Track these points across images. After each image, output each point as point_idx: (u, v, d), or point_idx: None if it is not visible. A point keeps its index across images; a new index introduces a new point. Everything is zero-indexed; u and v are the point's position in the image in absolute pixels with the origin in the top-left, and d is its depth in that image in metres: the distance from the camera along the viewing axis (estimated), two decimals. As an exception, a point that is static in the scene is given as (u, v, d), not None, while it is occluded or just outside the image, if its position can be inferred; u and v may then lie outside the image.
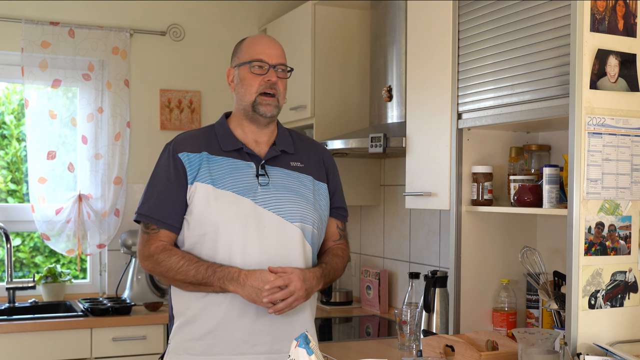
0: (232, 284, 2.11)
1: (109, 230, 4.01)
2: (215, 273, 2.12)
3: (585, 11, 2.07)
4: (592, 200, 2.09)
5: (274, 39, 2.32)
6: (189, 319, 2.20)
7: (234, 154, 2.24)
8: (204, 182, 2.18)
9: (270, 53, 2.24)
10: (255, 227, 2.17)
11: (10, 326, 3.32)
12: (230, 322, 2.16)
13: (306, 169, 2.31)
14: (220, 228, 2.16)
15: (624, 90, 2.14)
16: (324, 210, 2.32)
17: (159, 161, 2.27)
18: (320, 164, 2.36)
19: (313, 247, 2.28)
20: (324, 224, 2.33)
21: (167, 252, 2.19)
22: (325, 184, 2.34)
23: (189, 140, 2.27)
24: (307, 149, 2.36)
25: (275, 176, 2.24)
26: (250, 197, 2.18)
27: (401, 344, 2.89)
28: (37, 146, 3.88)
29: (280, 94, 2.25)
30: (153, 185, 2.25)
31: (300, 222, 2.22)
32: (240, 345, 2.16)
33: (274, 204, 2.20)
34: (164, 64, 4.22)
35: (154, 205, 2.23)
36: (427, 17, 2.81)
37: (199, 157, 2.21)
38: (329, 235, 2.38)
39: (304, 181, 2.28)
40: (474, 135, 2.63)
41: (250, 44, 2.28)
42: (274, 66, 2.23)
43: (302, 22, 3.76)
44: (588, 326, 2.09)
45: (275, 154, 2.27)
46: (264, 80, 2.22)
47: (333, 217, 2.39)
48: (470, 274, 2.63)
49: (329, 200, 2.35)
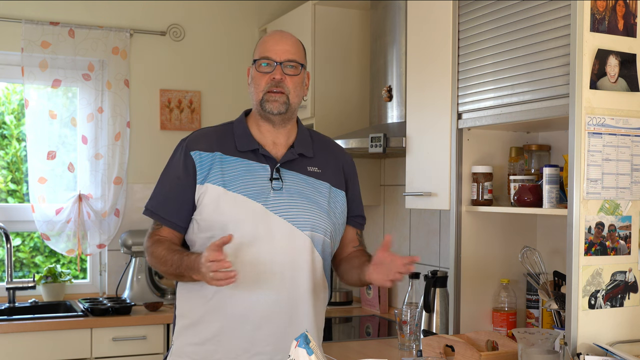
0: (194, 272, 2.01)
1: (109, 230, 4.01)
2: (182, 262, 2.05)
3: (585, 11, 2.07)
4: (592, 200, 2.09)
5: (286, 34, 2.21)
6: (192, 322, 2.17)
7: (249, 154, 2.16)
8: (215, 183, 2.12)
9: (277, 49, 2.14)
10: (264, 233, 2.10)
11: (10, 326, 3.32)
12: (232, 329, 2.11)
13: (323, 174, 2.22)
14: (228, 231, 2.06)
15: (624, 90, 2.14)
16: (339, 219, 2.23)
17: (172, 157, 2.22)
18: (340, 170, 2.27)
19: (324, 256, 2.19)
20: (338, 232, 2.24)
21: (157, 243, 2.15)
22: (343, 192, 2.25)
23: (204, 138, 2.20)
24: (327, 153, 2.27)
25: (290, 181, 2.16)
26: (262, 201, 2.11)
27: (401, 344, 2.89)
28: (37, 146, 3.88)
29: (291, 91, 2.14)
30: (162, 181, 2.21)
31: (310, 230, 2.13)
32: (240, 353, 2.11)
33: (285, 209, 2.12)
34: (164, 64, 4.21)
35: (160, 202, 2.19)
36: (427, 17, 2.81)
37: (211, 157, 2.15)
38: (347, 241, 2.31)
39: (319, 188, 2.19)
40: (474, 135, 2.63)
41: (262, 41, 2.20)
42: (280, 63, 2.14)
43: (302, 22, 3.76)
44: (588, 326, 2.09)
45: (292, 157, 2.18)
46: (270, 78, 2.14)
47: (350, 225, 2.30)
48: (470, 274, 2.63)
49: (346, 208, 2.26)
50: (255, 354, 2.12)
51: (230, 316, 2.11)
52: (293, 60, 2.15)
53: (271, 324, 2.11)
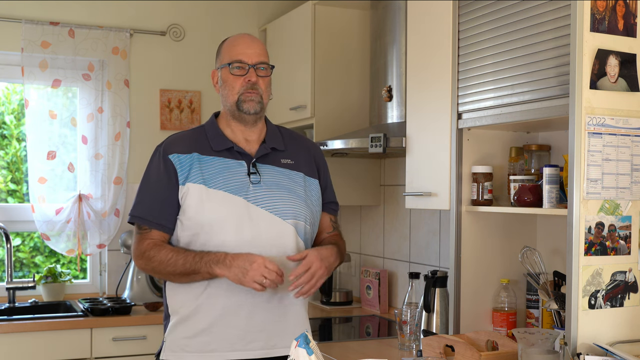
0: (218, 266, 2.12)
1: (109, 230, 4.01)
2: (202, 259, 2.15)
3: (585, 11, 2.07)
4: (592, 200, 2.09)
5: (254, 38, 2.34)
6: (184, 317, 2.22)
7: (224, 153, 2.27)
8: (196, 182, 2.21)
9: (249, 53, 2.26)
10: (248, 225, 2.20)
11: (10, 326, 3.32)
12: (225, 319, 2.19)
13: (297, 165, 2.34)
14: (213, 227, 2.19)
15: (624, 90, 2.14)
16: (316, 206, 2.35)
17: (150, 164, 2.31)
18: (311, 159, 2.39)
19: (306, 243, 2.31)
20: (316, 219, 2.36)
21: (157, 247, 2.22)
22: (316, 180, 2.37)
23: (179, 141, 2.30)
24: (297, 146, 2.39)
25: (267, 174, 2.27)
26: (243, 195, 2.21)
27: (401, 344, 2.89)
28: (37, 146, 3.88)
29: (263, 92, 2.28)
30: (145, 187, 2.29)
31: (293, 218, 2.25)
32: (235, 342, 2.19)
33: (267, 201, 2.23)
34: (164, 64, 4.22)
35: (146, 207, 2.26)
36: (427, 17, 2.81)
37: (189, 158, 2.24)
38: (322, 228, 2.42)
39: (294, 178, 2.31)
40: (474, 135, 2.63)
41: (229, 45, 2.30)
42: (253, 65, 2.26)
43: (302, 22, 3.76)
44: (588, 326, 2.09)
45: (265, 151, 2.30)
46: (245, 80, 2.25)
47: (325, 212, 2.42)
48: (470, 274, 2.63)
49: (320, 195, 2.38)
50: (250, 342, 2.20)
51: (222, 307, 2.19)
52: (264, 63, 2.29)
53: (263, 311, 2.20)
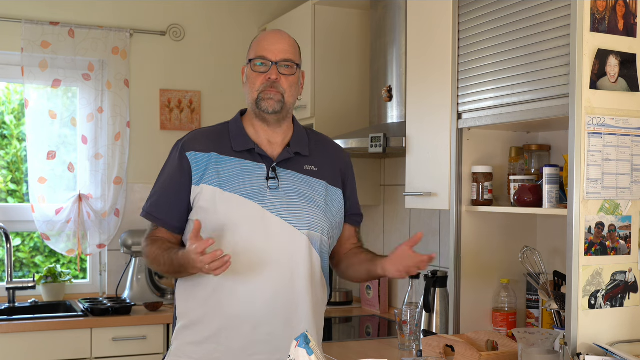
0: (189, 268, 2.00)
1: (109, 230, 4.01)
2: (173, 262, 2.06)
3: (585, 11, 2.07)
4: (592, 200, 2.09)
5: (284, 34, 2.20)
6: (192, 321, 2.16)
7: (245, 154, 2.15)
8: (211, 184, 2.11)
9: (273, 49, 2.13)
10: (261, 232, 2.10)
11: (10, 326, 3.32)
12: (230, 329, 2.11)
13: (320, 173, 2.21)
14: (225, 232, 2.08)
15: (624, 90, 2.14)
16: (336, 217, 2.22)
17: (168, 158, 2.22)
18: (337, 168, 2.26)
19: (322, 254, 2.19)
20: (335, 231, 2.24)
21: (151, 243, 2.16)
22: (340, 190, 2.24)
23: (200, 138, 2.20)
24: (324, 152, 2.26)
25: (286, 180, 2.15)
26: (258, 201, 2.10)
27: (401, 344, 2.89)
28: (37, 146, 3.88)
29: (286, 91, 2.14)
30: (159, 182, 2.22)
31: (307, 229, 2.13)
32: (239, 353, 2.11)
33: (282, 209, 2.12)
34: (164, 64, 4.22)
35: (155, 203, 2.20)
36: (427, 17, 2.81)
37: (207, 158, 2.14)
38: (346, 238, 2.32)
39: (315, 186, 2.19)
40: (474, 135, 2.63)
41: (257, 40, 2.20)
42: (276, 62, 2.13)
43: (302, 22, 3.76)
44: (588, 326, 2.09)
45: (288, 156, 2.17)
46: (265, 78, 2.14)
47: (348, 223, 2.31)
48: (470, 274, 2.63)
49: (343, 206, 2.25)
50: (253, 354, 2.12)
51: (229, 316, 2.11)
52: (289, 60, 2.15)
53: (269, 324, 2.11)
